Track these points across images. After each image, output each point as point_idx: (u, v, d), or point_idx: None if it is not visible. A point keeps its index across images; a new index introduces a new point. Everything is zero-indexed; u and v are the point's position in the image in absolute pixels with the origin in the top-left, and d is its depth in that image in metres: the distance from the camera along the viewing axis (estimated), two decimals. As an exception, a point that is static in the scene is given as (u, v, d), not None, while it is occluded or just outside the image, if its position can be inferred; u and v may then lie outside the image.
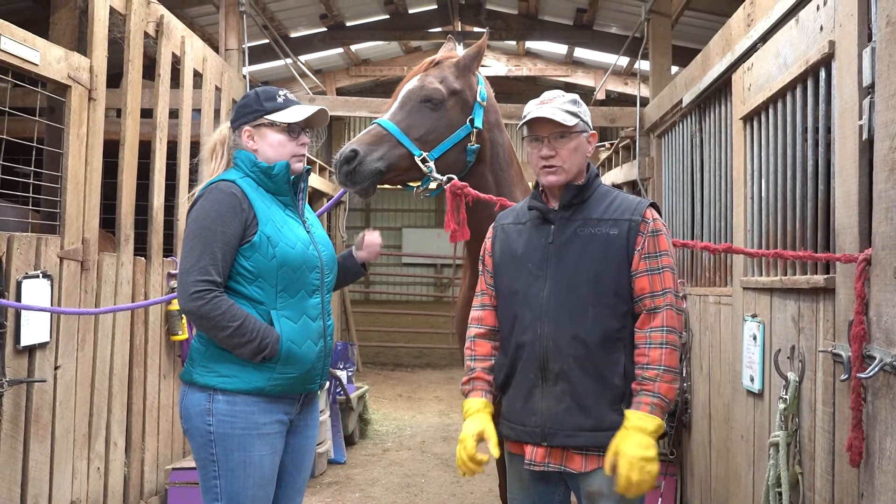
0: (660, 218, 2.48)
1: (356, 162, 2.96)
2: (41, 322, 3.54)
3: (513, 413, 2.51)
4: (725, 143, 4.16)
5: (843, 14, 2.50)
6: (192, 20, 8.83)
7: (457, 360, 12.47)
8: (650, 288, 2.38)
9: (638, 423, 2.28)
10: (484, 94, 3.31)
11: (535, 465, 2.44)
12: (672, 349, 2.35)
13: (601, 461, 2.36)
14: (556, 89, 2.63)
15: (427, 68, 3.28)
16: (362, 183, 2.99)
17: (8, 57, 3.32)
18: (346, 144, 3.02)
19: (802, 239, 2.94)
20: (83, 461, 4.00)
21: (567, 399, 2.38)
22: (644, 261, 2.39)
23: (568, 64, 12.64)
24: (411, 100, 3.16)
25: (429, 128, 3.13)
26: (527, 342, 2.45)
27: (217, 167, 2.72)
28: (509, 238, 2.61)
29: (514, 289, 2.53)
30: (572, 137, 2.47)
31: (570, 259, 2.44)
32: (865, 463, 2.26)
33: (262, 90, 2.70)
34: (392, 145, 3.05)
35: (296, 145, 2.66)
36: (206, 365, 2.56)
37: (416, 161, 3.07)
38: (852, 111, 2.40)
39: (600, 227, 2.44)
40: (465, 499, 5.64)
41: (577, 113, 2.49)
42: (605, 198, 2.51)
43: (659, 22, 6.71)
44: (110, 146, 4.27)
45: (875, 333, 2.20)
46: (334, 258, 2.82)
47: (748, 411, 3.40)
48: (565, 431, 2.38)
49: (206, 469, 2.57)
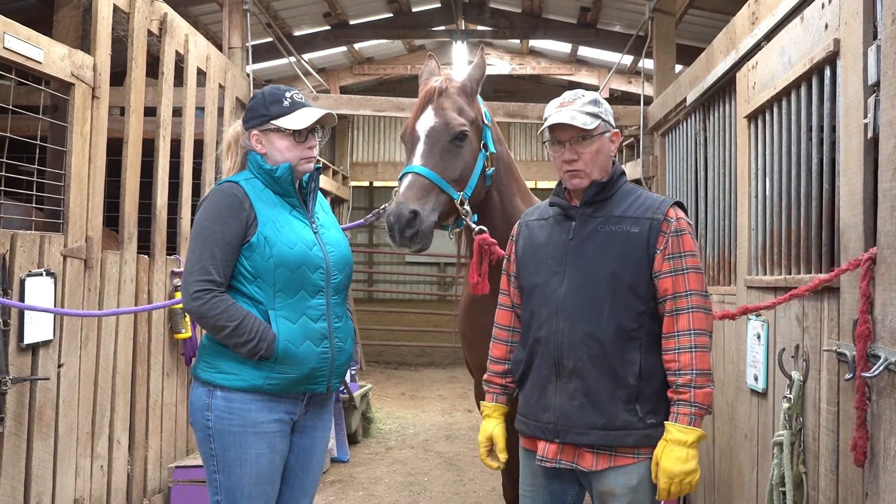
0: (685, 217, 2.44)
1: (418, 223, 2.87)
2: (44, 320, 3.54)
3: (527, 408, 2.52)
4: (729, 141, 4.15)
5: (848, 12, 2.49)
6: (195, 18, 8.83)
7: (460, 359, 12.45)
8: (673, 289, 2.35)
9: (678, 435, 2.27)
10: (488, 115, 3.29)
11: (546, 462, 2.44)
12: (703, 351, 2.31)
13: (613, 460, 2.36)
14: (577, 89, 2.59)
15: (435, 98, 3.14)
16: (424, 241, 2.92)
17: (12, 55, 3.33)
18: (397, 203, 2.89)
19: (807, 238, 2.93)
20: (86, 459, 4.00)
21: (580, 396, 2.38)
22: (667, 261, 2.36)
23: (571, 62, 12.61)
24: (440, 140, 3.05)
25: (461, 166, 3.08)
26: (542, 338, 2.45)
27: (233, 165, 2.76)
28: (532, 234, 2.61)
29: (533, 283, 2.53)
30: (594, 140, 2.44)
31: (588, 256, 2.43)
32: (870, 462, 2.25)
33: (269, 92, 2.69)
34: (437, 194, 2.98)
35: (303, 149, 2.67)
36: (209, 361, 2.60)
37: (456, 204, 3.05)
38: (857, 109, 2.39)
39: (621, 224, 2.41)
40: (468, 498, 5.64)
41: (597, 114, 2.44)
42: (628, 196, 2.49)
43: (663, 20, 6.71)
44: (114, 144, 4.27)
45: (880, 332, 2.19)
46: (346, 259, 2.78)
47: (752, 410, 3.39)
48: (577, 429, 2.38)
49: (208, 463, 2.61)
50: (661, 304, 2.38)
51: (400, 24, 10.93)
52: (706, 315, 2.36)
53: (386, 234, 2.93)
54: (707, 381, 2.31)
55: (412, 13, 11.01)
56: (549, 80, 14.11)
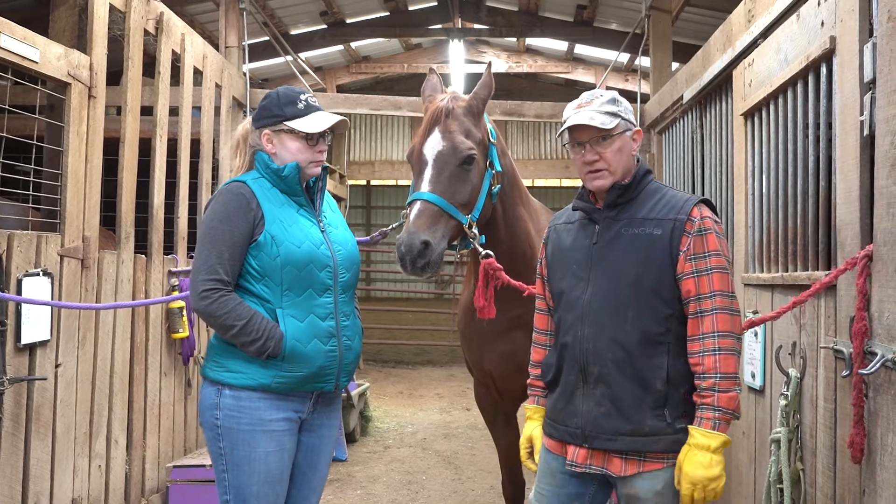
0: (711, 215, 2.35)
1: (430, 253, 2.86)
2: (42, 320, 3.54)
3: (556, 413, 2.49)
4: (726, 139, 4.16)
5: (844, 9, 2.49)
6: (192, 17, 8.81)
7: (458, 358, 12.46)
8: (696, 290, 2.27)
9: (701, 440, 2.21)
10: (493, 132, 3.26)
11: (577, 466, 2.40)
12: (728, 354, 2.23)
13: (642, 465, 2.33)
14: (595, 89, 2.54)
15: (441, 120, 3.10)
16: (435, 269, 2.91)
17: (8, 55, 3.32)
18: (408, 232, 2.87)
19: (804, 236, 2.94)
20: (84, 459, 4.00)
21: (606, 403, 2.33)
22: (689, 262, 2.28)
23: (568, 61, 12.60)
24: (448, 164, 3.02)
25: (469, 189, 3.06)
26: (568, 343, 2.42)
27: (242, 164, 2.76)
28: (560, 238, 2.57)
29: (560, 289, 2.50)
30: (615, 139, 2.39)
31: (612, 260, 2.38)
32: (867, 459, 2.25)
33: (283, 93, 2.69)
34: (447, 220, 2.96)
35: (314, 152, 2.67)
36: (217, 360, 2.61)
37: (465, 228, 3.04)
38: (853, 107, 2.40)
39: (644, 226, 2.35)
40: (466, 496, 5.64)
41: (617, 113, 2.40)
42: (653, 195, 2.42)
43: (659, 18, 6.71)
44: (110, 144, 4.27)
45: (876, 329, 2.19)
46: (353, 257, 2.80)
47: (749, 408, 3.40)
48: (605, 435, 2.34)
49: (217, 462, 2.62)
50: (685, 306, 2.32)
51: (397, 23, 10.92)
52: (732, 316, 2.27)
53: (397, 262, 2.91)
54: (732, 385, 2.23)
55: (409, 12, 11.01)
56: (546, 78, 14.12)
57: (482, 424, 7.66)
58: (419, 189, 3.00)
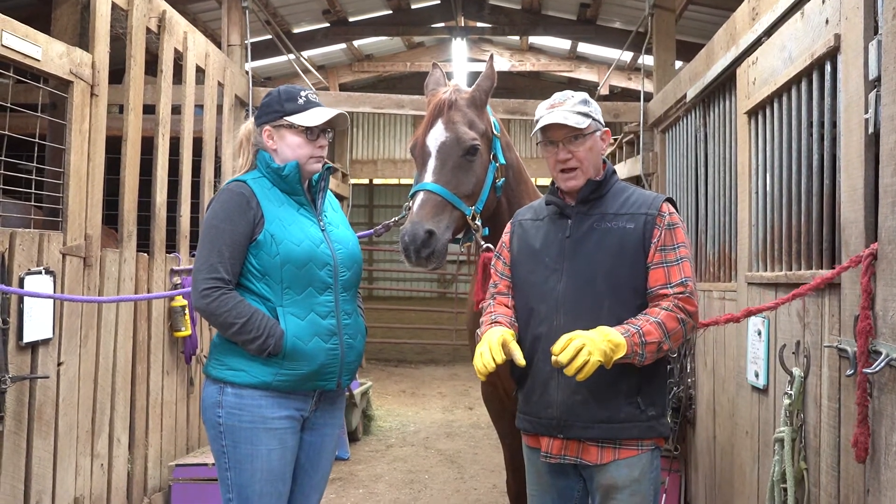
0: (676, 212, 2.52)
1: (434, 242, 2.85)
2: (44, 318, 3.54)
3: (529, 405, 2.54)
4: (730, 137, 4.14)
5: (849, 7, 2.48)
6: (194, 16, 8.81)
7: (460, 357, 12.47)
8: (665, 279, 2.41)
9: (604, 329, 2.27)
10: (497, 125, 3.26)
11: (551, 458, 2.47)
12: (673, 317, 2.32)
13: (617, 453, 2.41)
14: (565, 90, 2.64)
15: (444, 111, 3.09)
16: (439, 260, 2.89)
17: (10, 53, 3.32)
18: (412, 222, 2.86)
19: (808, 234, 2.93)
20: (86, 458, 4.00)
21: (583, 391, 2.40)
22: (659, 252, 2.43)
23: (571, 59, 12.59)
24: (451, 155, 3.01)
25: (473, 181, 3.06)
26: (543, 334, 2.47)
27: (245, 163, 2.79)
28: (527, 234, 2.64)
29: (530, 282, 2.56)
30: (587, 138, 2.52)
31: (586, 253, 2.48)
32: (871, 458, 2.24)
33: (284, 90, 2.72)
34: (450, 210, 2.96)
35: (313, 147, 2.70)
36: (219, 358, 2.63)
37: (469, 220, 3.03)
38: (858, 105, 2.39)
39: (617, 221, 2.48)
40: (468, 495, 5.64)
41: (588, 113, 2.51)
42: (621, 193, 2.56)
43: (663, 17, 6.69)
44: (112, 142, 4.27)
45: (881, 328, 2.18)
46: (355, 256, 2.81)
47: (753, 407, 3.39)
48: (581, 423, 2.41)
49: (219, 461, 2.64)
50: (650, 294, 2.42)
51: (399, 21, 10.91)
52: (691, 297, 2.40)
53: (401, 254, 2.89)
54: (663, 335, 2.30)
55: (411, 10, 11.00)
56: (549, 76, 14.10)
57: (485, 423, 7.67)
58: (423, 180, 3.00)
